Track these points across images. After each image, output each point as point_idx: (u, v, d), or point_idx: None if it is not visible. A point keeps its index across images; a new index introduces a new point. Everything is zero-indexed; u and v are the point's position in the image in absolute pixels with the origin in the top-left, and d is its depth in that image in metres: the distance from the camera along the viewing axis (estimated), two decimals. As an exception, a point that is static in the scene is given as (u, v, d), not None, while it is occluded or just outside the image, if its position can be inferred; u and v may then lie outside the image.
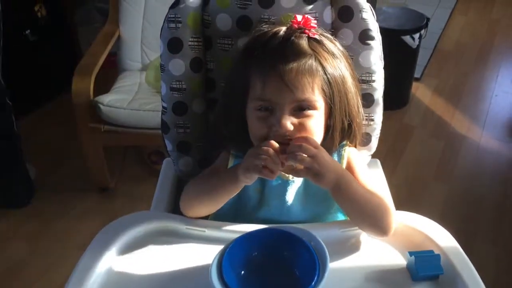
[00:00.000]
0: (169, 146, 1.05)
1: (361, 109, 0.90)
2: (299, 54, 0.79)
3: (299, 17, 0.84)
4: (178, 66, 0.98)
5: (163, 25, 0.98)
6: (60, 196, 2.09)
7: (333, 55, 0.83)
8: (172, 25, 0.97)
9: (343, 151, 0.90)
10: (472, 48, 3.24)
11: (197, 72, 1.00)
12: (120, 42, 2.15)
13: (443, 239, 0.82)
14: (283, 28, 0.84)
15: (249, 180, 0.81)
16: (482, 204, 2.05)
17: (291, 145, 0.77)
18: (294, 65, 0.78)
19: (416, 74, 2.78)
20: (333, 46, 0.85)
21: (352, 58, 0.93)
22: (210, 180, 0.89)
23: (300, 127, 0.80)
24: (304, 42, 0.81)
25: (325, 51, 0.82)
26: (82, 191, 2.09)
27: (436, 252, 0.79)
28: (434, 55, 3.12)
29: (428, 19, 2.51)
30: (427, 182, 2.17)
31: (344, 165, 0.89)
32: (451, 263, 0.78)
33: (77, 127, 1.89)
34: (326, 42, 0.84)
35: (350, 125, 0.87)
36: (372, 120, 1.01)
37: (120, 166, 2.23)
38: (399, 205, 0.99)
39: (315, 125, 0.82)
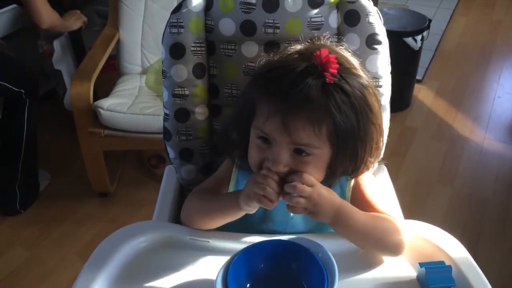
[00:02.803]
0: (172, 154, 1.04)
1: (380, 150, 0.85)
2: (308, 100, 0.72)
3: (324, 53, 0.74)
4: (181, 72, 0.96)
5: (165, 30, 0.96)
6: (60, 201, 2.07)
7: (351, 104, 0.75)
8: (174, 30, 0.95)
9: (348, 181, 0.87)
10: (474, 49, 3.23)
11: (200, 78, 0.98)
12: (120, 45, 2.13)
13: (454, 249, 0.80)
14: (303, 65, 0.74)
15: (251, 209, 0.79)
16: (486, 207, 2.04)
17: (286, 186, 0.75)
18: (299, 110, 0.73)
19: (418, 76, 2.77)
20: (355, 93, 0.75)
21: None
22: (212, 200, 0.87)
23: (296, 169, 0.77)
24: (318, 88, 0.73)
25: (342, 99, 0.74)
26: (82, 196, 2.07)
27: (448, 263, 0.77)
28: (435, 57, 3.11)
29: (430, 21, 2.49)
30: (430, 185, 2.15)
31: (351, 187, 0.87)
32: (463, 275, 0.76)
33: (77, 132, 1.87)
34: (346, 87, 0.75)
35: (356, 168, 0.82)
36: (379, 126, 0.99)
37: (120, 170, 2.22)
38: (402, 209, 0.99)
39: (312, 169, 0.77)
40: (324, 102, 0.73)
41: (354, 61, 0.81)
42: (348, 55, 0.81)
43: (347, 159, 0.79)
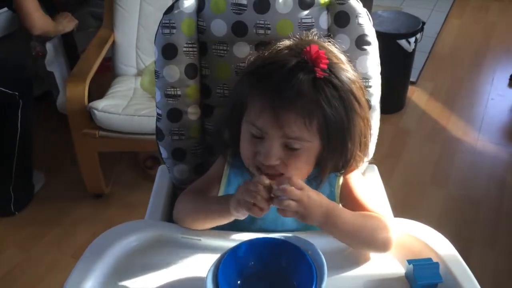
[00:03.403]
0: (164, 154, 1.04)
1: (368, 144, 0.87)
2: (299, 94, 0.74)
3: (314, 49, 0.76)
4: (173, 72, 0.97)
5: (157, 31, 0.97)
6: (55, 202, 2.07)
7: (341, 98, 0.77)
8: (166, 31, 0.96)
9: (337, 178, 0.89)
10: (468, 51, 3.25)
11: (192, 78, 0.99)
12: (115, 47, 2.14)
13: (442, 247, 0.81)
14: (293, 61, 0.76)
15: (240, 215, 0.79)
16: (479, 208, 2.05)
17: (275, 189, 0.74)
18: (291, 105, 0.74)
19: (412, 78, 2.79)
20: (344, 87, 0.78)
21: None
22: (203, 203, 0.87)
23: (287, 162, 0.79)
24: (309, 83, 0.75)
25: (332, 94, 0.76)
26: (77, 198, 2.07)
27: (435, 260, 0.78)
28: (429, 59, 3.13)
29: (423, 23, 2.51)
30: (423, 187, 2.17)
31: (340, 185, 0.88)
32: (450, 272, 0.77)
33: (71, 133, 1.87)
34: (335, 81, 0.77)
35: (346, 162, 0.84)
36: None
37: (115, 172, 2.22)
38: (396, 210, 0.99)
39: (303, 162, 0.80)
40: (315, 97, 0.75)
41: (342, 56, 0.83)
42: (335, 50, 0.83)
43: (337, 153, 0.81)
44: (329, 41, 0.85)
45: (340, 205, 0.89)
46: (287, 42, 0.83)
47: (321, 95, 0.75)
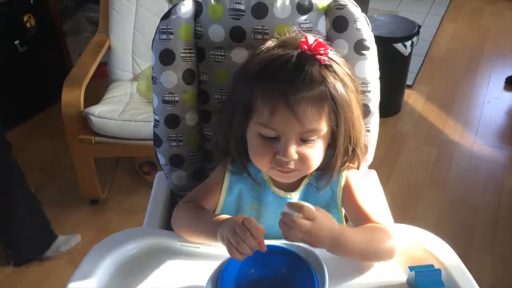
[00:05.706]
0: (162, 160, 1.03)
1: (364, 131, 0.89)
2: (310, 84, 0.76)
3: (310, 39, 0.79)
4: (170, 78, 0.96)
5: (154, 37, 0.96)
6: (51, 209, 2.04)
7: (342, 81, 0.80)
8: (164, 36, 0.95)
9: (341, 176, 0.88)
10: (463, 55, 3.26)
11: (190, 84, 0.99)
12: (111, 52, 2.13)
13: (444, 253, 0.81)
14: (295, 54, 0.77)
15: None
16: (476, 211, 2.05)
17: (286, 217, 0.71)
18: (305, 97, 0.76)
19: (408, 82, 2.79)
20: (341, 70, 0.81)
21: None
22: (198, 221, 0.86)
23: (303, 155, 0.80)
24: (316, 71, 0.77)
25: (335, 78, 0.79)
26: (73, 204, 2.06)
27: (437, 266, 0.78)
28: (425, 62, 3.14)
29: (419, 27, 2.51)
30: (421, 190, 2.17)
31: (342, 187, 0.88)
32: (453, 278, 0.76)
33: (67, 139, 1.86)
34: (336, 67, 0.80)
35: (354, 149, 0.86)
36: (368, 131, 0.99)
37: (111, 177, 2.21)
38: (394, 214, 0.99)
39: (317, 152, 0.81)
40: (322, 85, 0.77)
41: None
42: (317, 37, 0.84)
43: (347, 140, 0.83)
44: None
45: (343, 209, 0.89)
46: (271, 43, 0.84)
47: (327, 81, 0.77)
